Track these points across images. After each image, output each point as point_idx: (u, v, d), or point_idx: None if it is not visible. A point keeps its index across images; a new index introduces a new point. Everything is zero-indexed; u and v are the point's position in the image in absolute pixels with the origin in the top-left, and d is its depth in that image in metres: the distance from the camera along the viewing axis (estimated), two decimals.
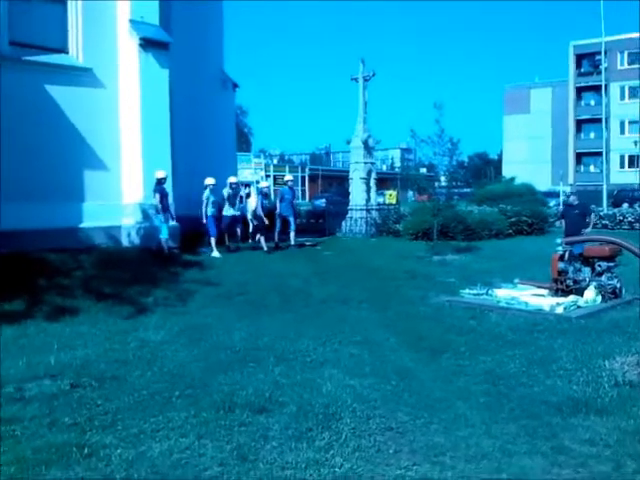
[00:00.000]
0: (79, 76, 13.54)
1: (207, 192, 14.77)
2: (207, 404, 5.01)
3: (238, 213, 15.47)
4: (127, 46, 14.09)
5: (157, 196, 13.59)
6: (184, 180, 15.01)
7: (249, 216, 15.70)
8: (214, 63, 18.46)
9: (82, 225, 13.29)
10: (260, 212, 15.70)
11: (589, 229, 12.53)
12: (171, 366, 6.11)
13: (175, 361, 6.29)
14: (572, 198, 13.59)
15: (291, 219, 16.45)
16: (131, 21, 14.05)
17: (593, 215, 14.48)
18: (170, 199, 14.05)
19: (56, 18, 13.38)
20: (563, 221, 13.45)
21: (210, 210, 14.70)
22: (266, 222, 15.74)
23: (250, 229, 15.94)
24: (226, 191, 15.29)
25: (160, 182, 13.71)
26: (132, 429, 4.55)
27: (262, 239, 15.47)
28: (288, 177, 19.71)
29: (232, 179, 15.91)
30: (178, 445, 4.29)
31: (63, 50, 13.52)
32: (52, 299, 8.99)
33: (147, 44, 14.06)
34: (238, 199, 15.63)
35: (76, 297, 9.22)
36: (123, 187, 14.17)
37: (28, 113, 12.32)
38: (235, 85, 20.15)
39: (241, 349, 6.70)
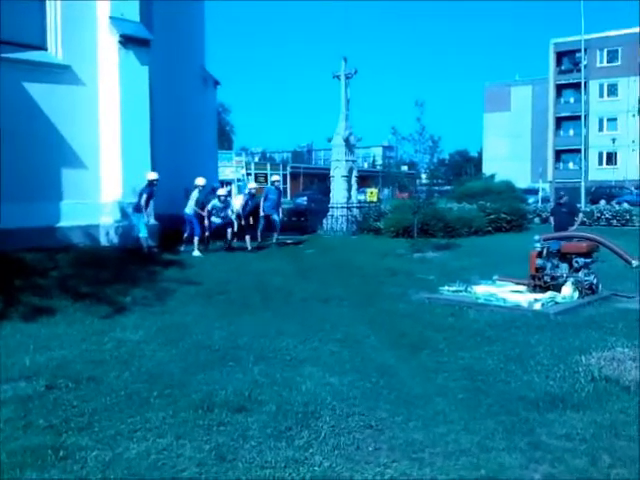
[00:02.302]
0: (58, 73, 13.36)
1: (196, 192, 14.55)
2: (185, 404, 4.98)
3: (225, 219, 15.10)
4: (107, 43, 13.92)
5: (144, 197, 13.38)
6: (164, 178, 14.87)
7: (233, 216, 15.47)
8: (195, 60, 18.34)
9: (60, 224, 13.13)
10: (243, 213, 15.59)
11: (575, 227, 12.81)
12: (149, 366, 6.06)
13: (153, 361, 6.24)
14: (565, 199, 14.01)
15: (276, 218, 16.42)
16: (111, 18, 13.89)
17: (581, 214, 15.00)
18: None
19: (35, 14, 13.18)
20: (552, 218, 13.80)
21: (194, 210, 14.52)
22: (250, 222, 15.61)
23: (235, 228, 15.68)
24: (213, 204, 14.86)
25: (151, 184, 13.53)
26: (109, 430, 4.50)
27: (247, 238, 15.36)
28: (275, 177, 19.69)
29: (221, 191, 15.60)
30: (156, 446, 4.25)
31: (42, 47, 13.32)
32: (28, 299, 8.85)
33: (127, 41, 13.92)
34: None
35: (53, 297, 9.09)
36: (102, 185, 14.03)
37: (5, 111, 12.11)
38: (216, 82, 20.06)
39: (220, 348, 6.67)
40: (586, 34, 40.28)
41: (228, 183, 23.10)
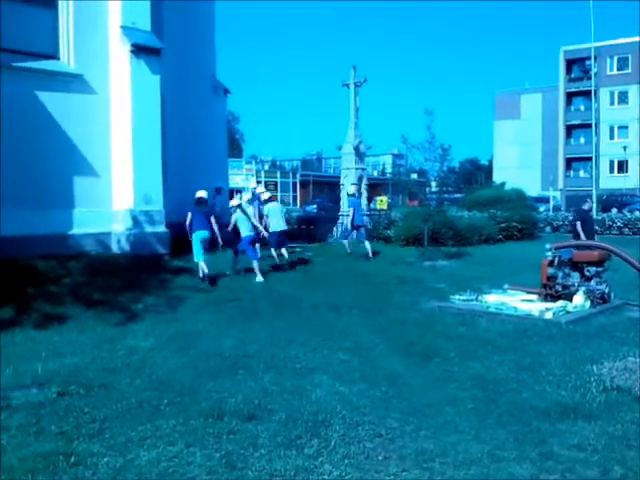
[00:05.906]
0: (70, 82, 13.50)
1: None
2: (196, 412, 4.99)
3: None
4: (118, 52, 14.05)
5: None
6: (175, 186, 14.97)
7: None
8: (206, 69, 18.45)
9: (72, 232, 13.22)
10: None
11: (583, 236, 12.74)
12: (160, 373, 6.09)
13: (164, 368, 6.27)
14: (588, 206, 14.00)
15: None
16: (122, 27, 14.02)
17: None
18: (160, 205, 14.00)
19: (47, 24, 13.33)
20: (579, 224, 13.33)
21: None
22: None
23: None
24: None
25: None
26: (120, 437, 4.52)
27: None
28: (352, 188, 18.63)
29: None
30: (166, 453, 4.26)
31: (54, 56, 13.47)
32: (41, 306, 8.93)
33: (138, 50, 14.03)
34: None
35: (65, 304, 9.17)
36: (114, 193, 14.12)
37: (18, 119, 12.25)
38: (227, 91, 20.16)
39: (230, 356, 6.69)
40: (596, 42, 40.18)
41: (238, 191, 23.00)
